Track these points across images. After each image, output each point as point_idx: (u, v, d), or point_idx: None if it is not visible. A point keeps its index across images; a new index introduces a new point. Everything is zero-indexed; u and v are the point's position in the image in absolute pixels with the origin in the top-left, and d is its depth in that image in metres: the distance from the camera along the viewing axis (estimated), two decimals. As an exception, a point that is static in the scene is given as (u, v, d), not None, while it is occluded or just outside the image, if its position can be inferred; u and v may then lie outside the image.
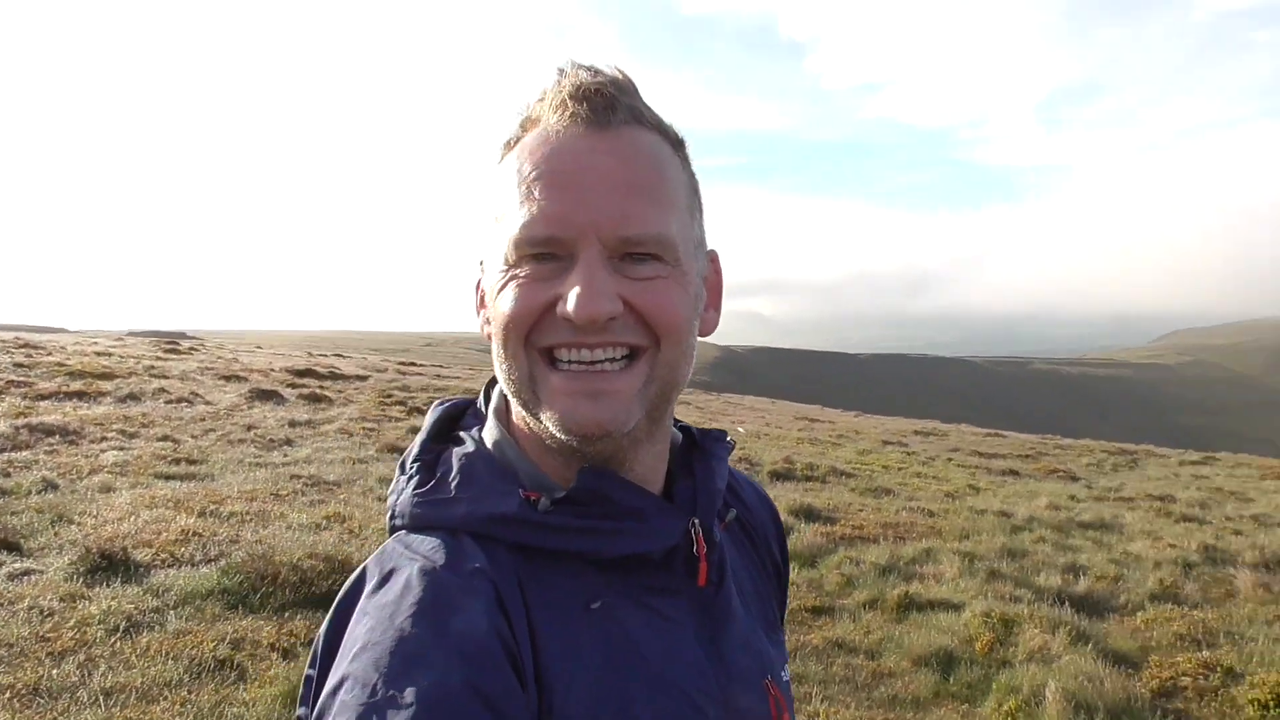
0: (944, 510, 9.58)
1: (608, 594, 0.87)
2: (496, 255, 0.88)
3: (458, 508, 0.87)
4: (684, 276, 0.89)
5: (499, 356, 0.89)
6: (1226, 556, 7.90)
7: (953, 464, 14.33)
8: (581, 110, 0.86)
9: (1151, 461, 16.22)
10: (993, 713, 4.59)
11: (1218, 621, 6.00)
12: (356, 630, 0.79)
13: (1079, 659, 5.07)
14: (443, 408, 1.04)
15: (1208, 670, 4.96)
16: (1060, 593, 6.47)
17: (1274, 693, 4.56)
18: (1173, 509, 10.55)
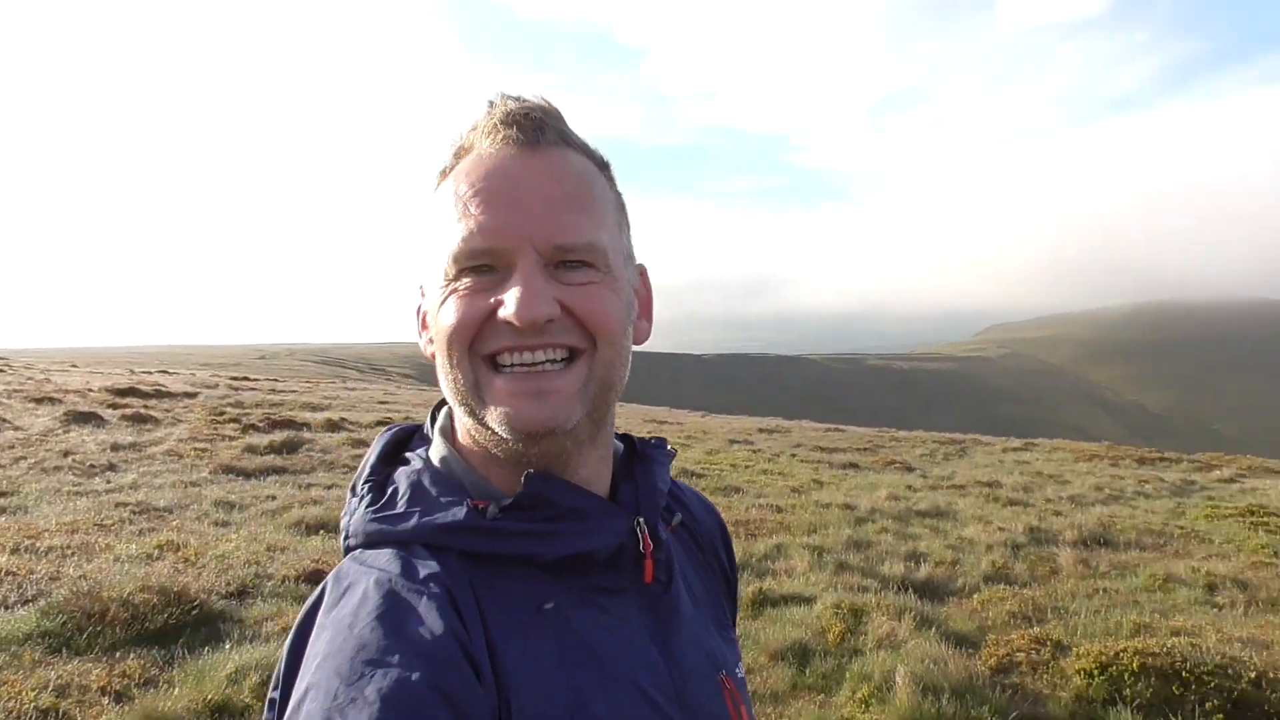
0: (791, 505, 9.85)
1: (559, 595, 0.91)
2: (436, 274, 0.94)
3: (409, 521, 0.91)
4: (616, 283, 0.95)
5: (444, 368, 0.94)
6: (1049, 536, 8.45)
7: (797, 460, 14.77)
8: (512, 133, 0.93)
9: (978, 449, 17.17)
10: (847, 701, 4.73)
11: (1045, 598, 6.40)
12: (317, 645, 0.81)
13: (924, 643, 5.29)
14: (390, 433, 1.08)
15: (1039, 645, 5.26)
16: (904, 580, 6.76)
17: (1097, 662, 4.88)
18: (1000, 494, 11.19)
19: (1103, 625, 5.73)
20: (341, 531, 0.96)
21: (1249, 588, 6.69)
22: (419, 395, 24.83)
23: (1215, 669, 4.70)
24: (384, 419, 15.19)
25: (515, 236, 0.89)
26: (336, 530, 5.76)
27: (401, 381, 38.98)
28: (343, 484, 9.20)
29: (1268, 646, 5.33)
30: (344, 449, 11.50)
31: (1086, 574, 7.16)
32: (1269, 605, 6.31)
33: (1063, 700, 4.72)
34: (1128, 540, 8.37)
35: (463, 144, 0.98)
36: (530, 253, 0.89)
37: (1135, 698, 4.63)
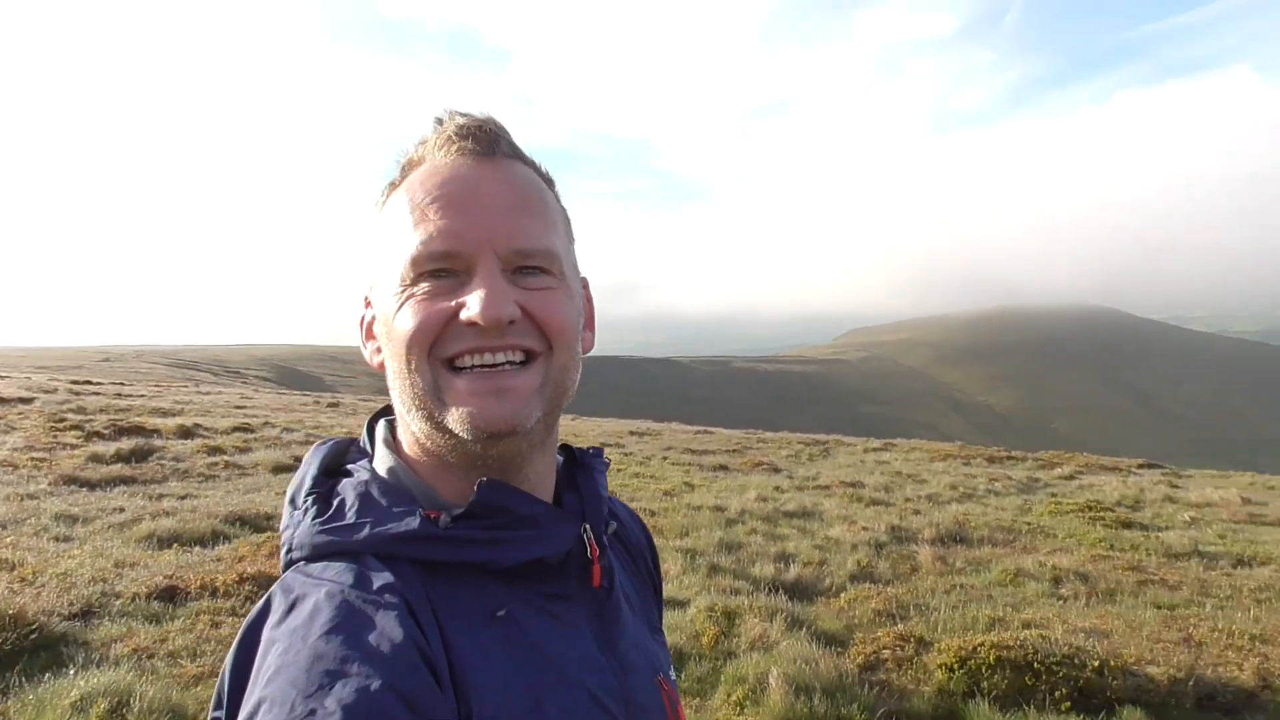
0: (664, 509, 9.94)
1: (511, 602, 0.92)
2: (390, 281, 0.94)
3: (360, 532, 0.91)
4: (569, 290, 0.99)
5: (400, 374, 0.94)
6: (909, 535, 8.80)
7: (668, 462, 14.92)
8: (468, 144, 0.96)
9: (841, 450, 17.73)
10: (722, 704, 4.79)
11: (907, 595, 6.65)
12: (267, 658, 0.80)
13: (795, 643, 5.41)
14: (326, 446, 1.07)
15: (903, 642, 5.46)
16: (774, 581, 6.90)
17: (957, 656, 5.09)
18: (862, 494, 11.58)
19: (961, 620, 5.99)
20: (283, 545, 0.95)
21: (1090, 580, 7.12)
22: (278, 399, 23.88)
23: (1063, 659, 4.97)
24: (242, 424, 14.55)
25: (475, 240, 0.91)
26: (191, 543, 5.46)
27: (259, 385, 37.40)
28: (198, 494, 8.77)
29: (1108, 635, 5.69)
30: (199, 456, 10.95)
31: (945, 570, 7.48)
32: (1107, 596, 6.74)
33: (926, 695, 4.91)
34: (981, 537, 8.80)
35: (411, 158, 1.00)
36: (491, 256, 0.91)
37: (992, 689, 4.86)
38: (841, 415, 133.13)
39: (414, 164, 0.99)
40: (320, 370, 62.82)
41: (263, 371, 51.01)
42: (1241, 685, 5.03)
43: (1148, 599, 6.64)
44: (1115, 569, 7.48)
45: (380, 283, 0.97)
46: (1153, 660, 5.23)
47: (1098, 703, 4.77)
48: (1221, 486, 13.26)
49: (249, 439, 12.88)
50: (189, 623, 5.22)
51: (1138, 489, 12.70)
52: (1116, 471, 15.19)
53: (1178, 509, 11.07)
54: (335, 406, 22.08)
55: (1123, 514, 10.31)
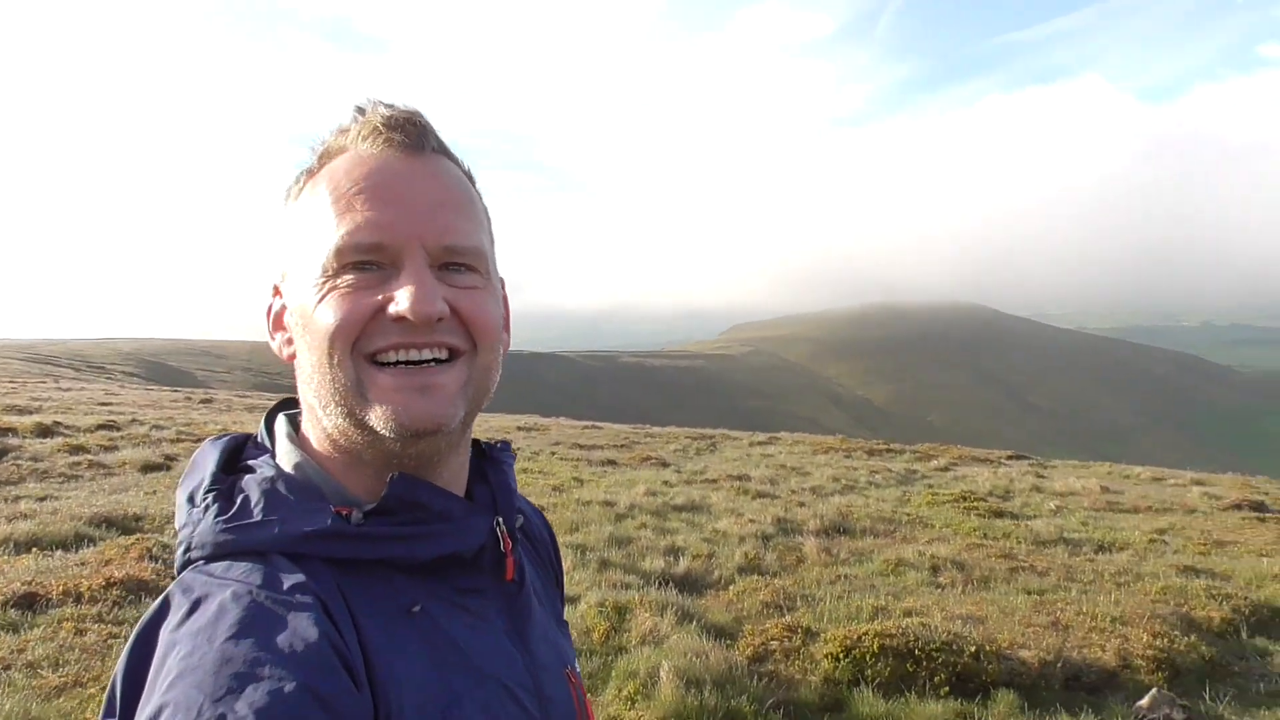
0: (553, 504, 9.87)
1: (425, 599, 0.91)
2: (309, 269, 0.91)
3: (268, 529, 0.87)
4: (494, 290, 0.98)
5: (319, 368, 0.90)
6: (795, 526, 8.97)
7: (556, 457, 14.84)
8: (397, 137, 0.93)
9: (727, 444, 17.98)
10: (614, 699, 4.79)
11: (794, 586, 6.78)
12: (167, 661, 0.75)
13: (685, 637, 5.45)
14: (223, 441, 1.02)
15: (791, 633, 5.56)
16: (664, 575, 6.94)
17: (842, 646, 5.22)
18: (749, 487, 11.75)
19: (846, 610, 6.14)
20: (180, 544, 0.90)
21: (966, 568, 7.40)
22: (146, 395, 22.73)
23: (942, 645, 5.15)
24: (107, 421, 13.80)
25: (405, 234, 0.90)
26: (52, 547, 5.14)
27: (125, 380, 35.53)
28: (59, 494, 8.26)
29: (983, 621, 5.92)
30: (59, 456, 10.32)
31: (829, 561, 7.66)
32: (982, 583, 7.01)
33: (813, 684, 5.01)
34: (863, 528, 9.05)
35: (330, 146, 0.97)
36: (420, 251, 0.90)
37: (876, 677, 5.00)
38: (727, 409, 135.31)
39: (334, 152, 0.96)
40: (191, 365, 60.17)
41: (129, 367, 48.42)
42: (1104, 666, 5.30)
43: (1019, 585, 6.94)
44: (989, 557, 7.79)
45: (295, 272, 0.94)
46: (1024, 644, 5.47)
47: (974, 686, 4.96)
48: (1083, 476, 13.99)
49: (115, 437, 12.21)
50: (50, 631, 4.92)
51: (1008, 479, 13.28)
52: (988, 463, 15.85)
53: (1044, 498, 11.63)
54: (208, 403, 21.18)
55: (995, 504, 10.77)
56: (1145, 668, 5.28)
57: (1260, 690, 5.25)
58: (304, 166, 0.99)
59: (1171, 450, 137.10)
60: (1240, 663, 5.64)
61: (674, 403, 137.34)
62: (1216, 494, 12.19)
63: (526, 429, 19.44)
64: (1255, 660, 5.70)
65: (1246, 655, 5.78)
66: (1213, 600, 6.56)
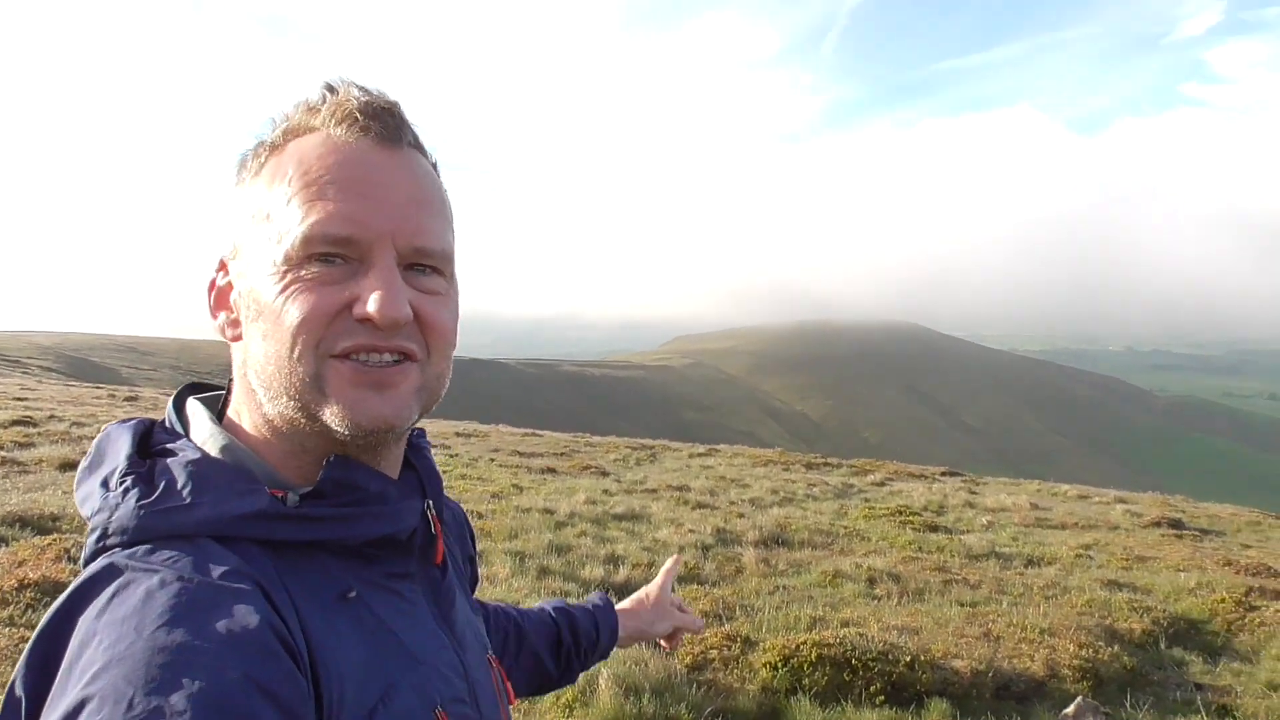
0: (492, 511, 9.81)
1: (358, 584, 0.90)
2: (267, 253, 0.88)
3: (197, 511, 0.83)
4: (455, 293, 0.98)
5: (276, 359, 0.87)
6: (734, 537, 9.05)
7: (495, 464, 14.74)
8: (374, 126, 0.90)
9: (668, 455, 18.04)
10: (551, 706, 4.78)
11: (733, 596, 6.83)
12: (86, 653, 0.70)
13: (626, 644, 5.46)
14: (130, 425, 0.97)
15: (730, 642, 5.60)
16: (604, 583, 6.95)
17: (780, 655, 5.28)
18: (689, 497, 11.81)
19: (784, 620, 6.21)
20: (93, 530, 0.84)
21: (901, 580, 7.54)
22: (66, 391, 22.04)
23: (878, 655, 5.25)
24: (23, 417, 13.34)
25: (377, 229, 0.87)
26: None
27: (43, 375, 34.39)
28: (-20, 494, 7.98)
29: (917, 632, 6.04)
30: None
31: (768, 572, 7.74)
32: (917, 595, 7.15)
33: (751, 693, 5.06)
34: (801, 540, 9.16)
35: (297, 123, 0.93)
36: (390, 250, 0.88)
37: (813, 686, 5.07)
38: (667, 420, 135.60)
39: (302, 130, 0.92)
40: (115, 361, 58.42)
41: (47, 361, 46.84)
42: (1033, 675, 5.45)
43: (952, 597, 7.09)
44: (923, 570, 7.94)
45: (250, 253, 0.90)
46: (957, 654, 5.60)
47: (909, 695, 5.06)
48: (1013, 493, 14.34)
49: (31, 433, 11.78)
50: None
51: (941, 495, 13.55)
52: (922, 479, 16.15)
53: (976, 514, 11.89)
54: (133, 400, 20.61)
55: (929, 518, 10.98)
56: (1071, 677, 5.45)
57: (1177, 698, 5.46)
58: (264, 140, 0.94)
59: (1094, 470, 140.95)
60: (1159, 672, 5.86)
61: (614, 412, 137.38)
62: (1138, 512, 12.59)
63: (465, 435, 19.28)
64: (1173, 670, 5.92)
65: (1165, 665, 5.99)
66: (1134, 613, 6.79)
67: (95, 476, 0.90)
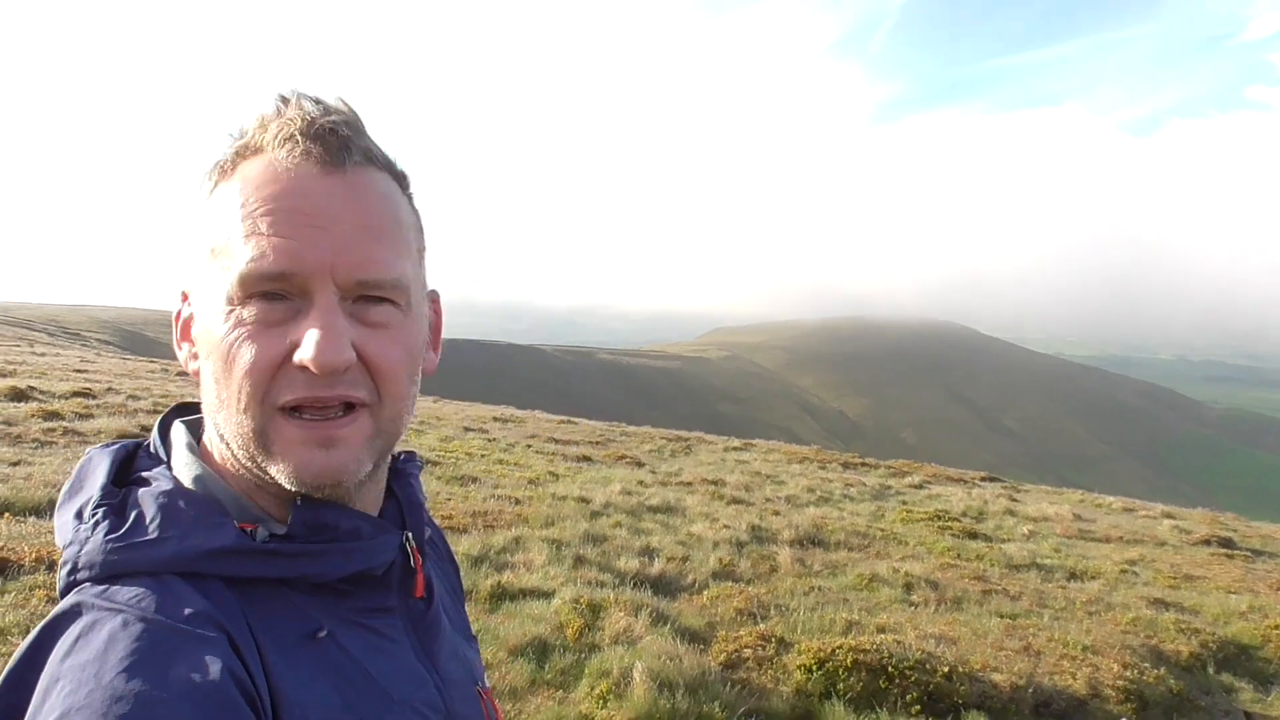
0: (528, 497, 9.82)
1: (330, 621, 0.87)
2: (216, 290, 0.85)
3: (164, 548, 0.81)
4: (414, 324, 0.92)
5: (227, 405, 0.85)
6: (769, 535, 8.96)
7: (531, 450, 14.77)
8: (315, 149, 0.85)
9: (702, 447, 17.96)
10: (585, 697, 4.75)
11: (767, 595, 6.76)
12: (50, 699, 0.69)
13: (659, 639, 5.42)
14: (113, 450, 0.95)
15: (764, 641, 5.54)
16: (638, 575, 6.91)
17: (816, 658, 5.21)
18: (724, 492, 11.73)
19: (819, 622, 6.13)
20: (64, 564, 0.82)
21: (939, 587, 7.42)
22: (122, 365, 22.45)
23: (915, 664, 5.15)
24: (82, 389, 13.58)
25: (315, 265, 0.82)
26: (25, 513, 5.03)
27: (101, 349, 35.04)
28: (33, 460, 8.08)
29: (955, 642, 5.92)
30: (33, 421, 10.12)
31: (803, 572, 7.64)
32: (955, 604, 7.03)
33: (785, 694, 4.99)
34: (837, 541, 9.05)
35: (249, 141, 0.88)
36: (330, 285, 0.83)
37: (848, 691, 4.99)
38: (702, 412, 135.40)
39: (250, 151, 0.88)
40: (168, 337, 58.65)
41: (105, 335, 47.74)
42: (1074, 693, 5.32)
43: (992, 608, 6.96)
44: (962, 578, 7.81)
45: (203, 285, 0.87)
46: (996, 667, 5.48)
47: (945, 707, 4.96)
48: (1056, 502, 14.09)
49: (90, 405, 11.98)
50: (22, 597, 4.83)
51: (981, 501, 13.34)
52: (962, 483, 15.92)
53: (1017, 522, 11.69)
54: (185, 375, 20.90)
55: (968, 525, 10.81)
56: (1115, 698, 5.30)
57: (1226, 726, 5.30)
58: (219, 159, 0.90)
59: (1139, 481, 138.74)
60: (1206, 698, 5.69)
61: (649, 402, 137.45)
62: (1186, 528, 12.30)
63: (502, 420, 19.35)
64: (1220, 696, 5.75)
65: (1212, 690, 5.82)
66: (1181, 634, 6.61)
67: (72, 505, 0.88)
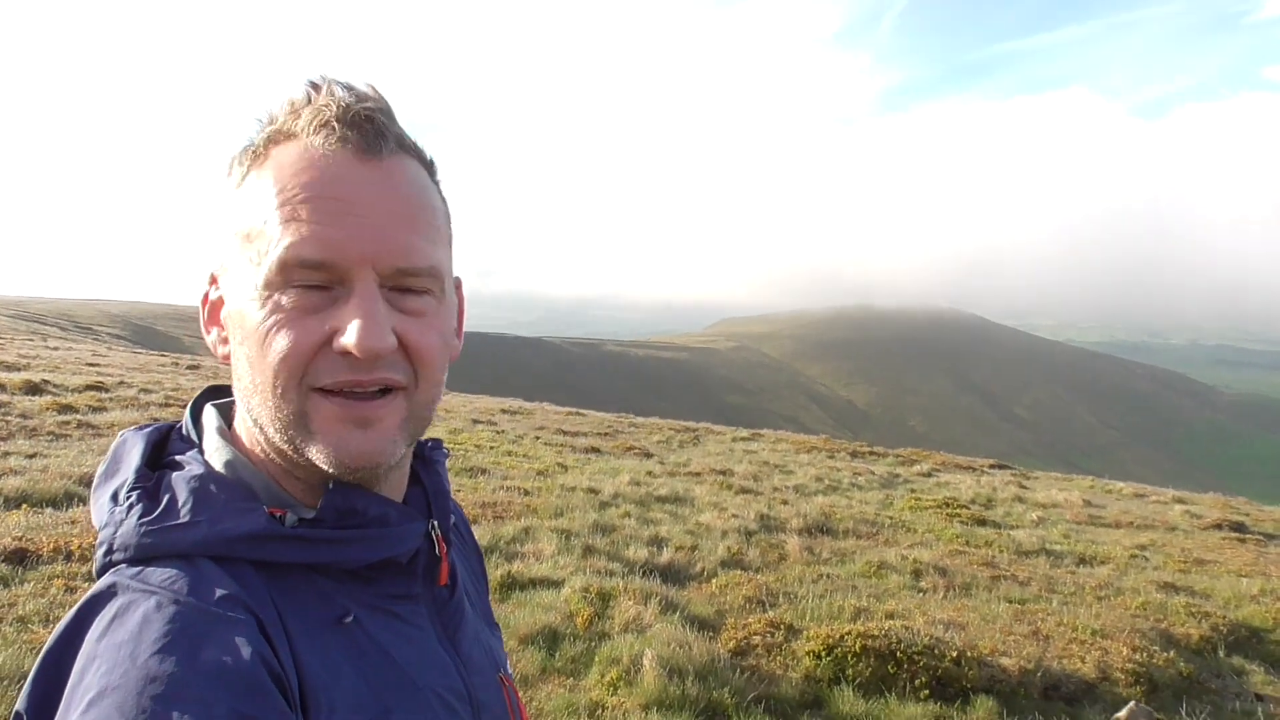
0: (537, 488, 9.85)
1: (356, 607, 0.88)
2: (250, 276, 0.84)
3: (195, 531, 0.82)
4: (448, 311, 0.93)
5: (262, 390, 0.85)
6: (778, 524, 8.98)
7: (540, 442, 14.81)
8: (352, 136, 0.85)
9: (710, 438, 17.98)
10: (596, 684, 4.78)
11: (776, 583, 6.77)
12: (86, 677, 0.71)
13: (669, 627, 5.44)
14: (145, 433, 0.95)
15: (773, 629, 5.56)
16: (647, 564, 6.93)
17: (824, 644, 5.22)
18: (732, 482, 11.75)
19: (827, 609, 6.14)
20: (100, 545, 0.84)
21: (948, 574, 7.42)
22: (134, 359, 22.56)
23: (924, 649, 5.16)
24: (95, 383, 13.67)
25: (356, 254, 0.83)
26: (42, 504, 5.09)
27: (112, 343, 35.24)
28: (48, 452, 8.16)
29: (964, 628, 5.93)
30: (49, 414, 10.21)
31: (811, 560, 7.66)
32: (963, 590, 7.03)
33: (794, 680, 5.01)
34: (846, 529, 9.06)
35: (281, 127, 0.88)
36: (370, 274, 0.84)
37: (856, 677, 5.00)
38: (710, 403, 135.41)
39: (283, 137, 0.87)
40: (179, 331, 59.65)
41: (116, 329, 48.04)
42: (1084, 677, 5.33)
43: (1000, 594, 6.96)
44: (971, 564, 7.81)
45: (235, 270, 0.87)
46: (1005, 652, 5.49)
47: (954, 691, 4.97)
48: (1065, 489, 14.07)
49: (103, 398, 12.08)
50: (40, 587, 4.91)
51: (990, 488, 13.34)
52: (971, 470, 15.91)
53: (1027, 508, 11.68)
54: (195, 369, 21.00)
55: (977, 511, 10.81)
56: (1124, 681, 5.31)
57: (1235, 709, 5.30)
58: (249, 144, 0.90)
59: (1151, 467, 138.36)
60: (1217, 680, 5.69)
61: (657, 393, 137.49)
62: (1197, 513, 12.28)
63: (510, 412, 19.40)
64: (1231, 679, 5.74)
65: (1223, 673, 5.82)
66: (1192, 618, 6.60)
67: (108, 487, 0.89)
